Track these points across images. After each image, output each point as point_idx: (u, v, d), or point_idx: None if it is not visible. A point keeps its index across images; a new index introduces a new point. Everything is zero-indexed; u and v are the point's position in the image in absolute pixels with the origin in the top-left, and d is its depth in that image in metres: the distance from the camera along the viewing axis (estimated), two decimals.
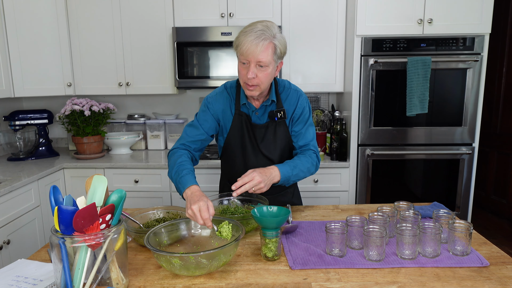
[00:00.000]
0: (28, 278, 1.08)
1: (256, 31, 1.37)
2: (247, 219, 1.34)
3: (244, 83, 1.44)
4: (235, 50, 1.44)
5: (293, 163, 1.48)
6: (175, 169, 1.41)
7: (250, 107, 1.56)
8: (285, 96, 1.58)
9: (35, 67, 2.64)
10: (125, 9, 2.71)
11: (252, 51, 1.36)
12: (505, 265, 1.14)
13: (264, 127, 1.56)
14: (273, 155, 1.59)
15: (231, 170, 1.66)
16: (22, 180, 2.14)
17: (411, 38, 2.45)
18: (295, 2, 2.65)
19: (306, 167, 1.51)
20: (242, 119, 1.56)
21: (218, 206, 1.53)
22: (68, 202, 0.97)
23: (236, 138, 1.58)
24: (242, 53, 1.39)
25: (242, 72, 1.43)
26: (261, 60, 1.38)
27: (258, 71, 1.40)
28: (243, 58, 1.40)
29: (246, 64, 1.41)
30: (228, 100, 1.58)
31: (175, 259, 1.04)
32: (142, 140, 3.05)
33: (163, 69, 2.78)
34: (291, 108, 1.58)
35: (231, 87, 1.60)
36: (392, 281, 1.05)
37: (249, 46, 1.36)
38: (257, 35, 1.36)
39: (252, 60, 1.38)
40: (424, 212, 1.50)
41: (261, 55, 1.37)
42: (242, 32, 1.40)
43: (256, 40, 1.36)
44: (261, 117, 1.57)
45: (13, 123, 2.70)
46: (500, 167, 3.71)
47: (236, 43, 1.41)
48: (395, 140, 2.55)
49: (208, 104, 1.58)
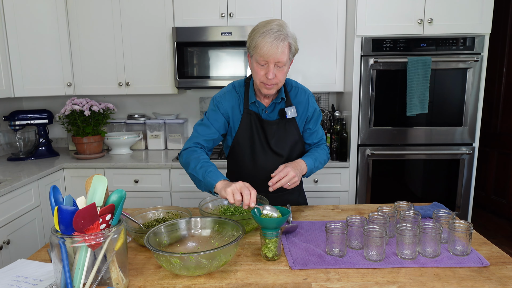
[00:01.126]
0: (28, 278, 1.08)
1: (274, 32, 1.37)
2: (247, 219, 1.34)
3: (261, 82, 1.46)
4: (250, 51, 1.45)
5: (314, 156, 1.57)
6: (200, 165, 1.42)
7: (260, 106, 1.58)
8: (294, 95, 1.62)
9: (35, 67, 2.64)
10: (125, 9, 2.71)
11: (273, 52, 1.37)
12: (505, 265, 1.14)
13: (275, 123, 1.59)
14: (284, 151, 1.62)
15: (239, 169, 1.65)
16: (22, 180, 2.14)
17: (411, 38, 2.45)
18: (295, 2, 2.65)
19: (323, 159, 1.63)
20: (251, 117, 1.58)
21: (218, 206, 1.53)
22: (68, 202, 0.97)
23: (245, 136, 1.59)
24: (261, 54, 1.39)
25: (260, 72, 1.44)
26: (280, 61, 1.40)
27: (276, 71, 1.42)
28: (262, 59, 1.40)
29: (264, 64, 1.42)
30: (236, 99, 1.59)
31: (175, 259, 1.04)
32: (142, 140, 3.05)
33: (163, 69, 2.78)
34: (302, 107, 1.62)
35: (240, 86, 1.61)
36: (392, 281, 1.05)
37: (269, 48, 1.37)
38: (275, 36, 1.37)
39: (271, 61, 1.40)
40: (424, 212, 1.50)
41: (281, 56, 1.39)
42: (259, 33, 1.39)
43: (276, 41, 1.37)
44: (271, 114, 1.60)
45: (13, 123, 2.70)
46: (500, 167, 3.71)
47: (253, 44, 1.41)
48: (395, 140, 2.55)
49: (217, 104, 1.59)
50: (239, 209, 1.49)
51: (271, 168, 1.56)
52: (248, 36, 1.47)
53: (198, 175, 1.41)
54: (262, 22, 1.44)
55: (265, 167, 1.59)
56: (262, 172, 1.59)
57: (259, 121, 1.58)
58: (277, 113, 1.59)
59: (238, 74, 2.67)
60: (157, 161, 2.60)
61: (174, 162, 2.56)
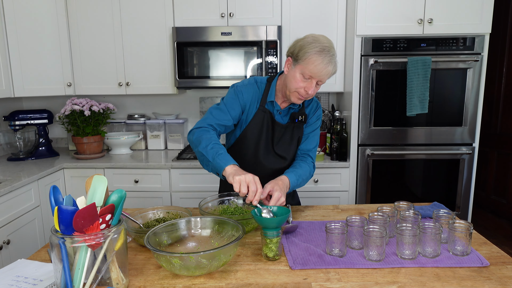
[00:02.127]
0: (28, 278, 1.08)
1: (331, 55, 1.39)
2: (247, 219, 1.34)
3: (297, 92, 1.47)
4: (297, 59, 1.42)
5: (297, 173, 1.53)
6: (211, 146, 1.40)
7: (276, 106, 1.59)
8: (308, 103, 1.66)
9: (35, 67, 2.64)
10: (125, 9, 2.71)
11: (323, 73, 1.40)
12: (505, 265, 1.14)
13: (284, 127, 1.61)
14: (287, 154, 1.64)
15: (239, 161, 1.63)
16: (22, 180, 2.14)
17: (411, 38, 2.45)
18: (295, 2, 2.65)
19: (306, 176, 1.59)
20: (264, 115, 1.59)
21: (218, 206, 1.53)
22: (68, 202, 0.97)
23: (254, 132, 1.60)
24: (311, 70, 1.39)
25: (300, 83, 1.44)
26: (323, 81, 1.44)
27: (315, 87, 1.46)
28: (308, 74, 1.41)
29: (308, 79, 1.43)
30: (256, 94, 1.60)
31: (175, 259, 1.04)
32: (142, 140, 3.05)
33: (163, 69, 2.78)
34: (310, 115, 1.66)
35: (261, 82, 1.62)
36: (392, 281, 1.05)
37: (322, 68, 1.38)
38: (330, 59, 1.39)
39: (316, 78, 1.42)
40: (424, 212, 1.50)
41: (326, 77, 1.43)
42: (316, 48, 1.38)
43: (330, 64, 1.39)
44: (283, 117, 1.62)
45: (13, 123, 2.70)
46: (500, 167, 3.71)
47: (305, 56, 1.40)
48: (395, 140, 2.55)
49: (238, 93, 1.57)
50: (239, 209, 1.49)
51: (271, 167, 1.60)
52: (297, 45, 1.44)
53: (208, 155, 1.39)
54: (315, 35, 1.44)
55: (265, 165, 1.62)
56: (261, 168, 1.60)
57: (271, 121, 1.60)
58: (288, 118, 1.62)
59: (238, 74, 2.67)
60: (157, 161, 2.60)
61: (174, 162, 2.56)
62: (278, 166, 1.63)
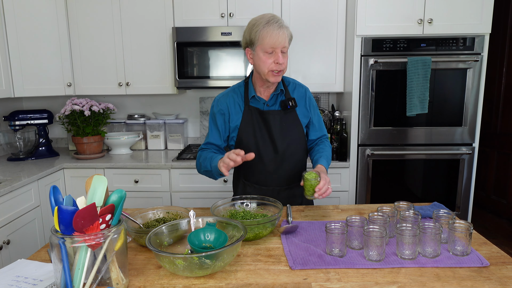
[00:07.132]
0: (28, 278, 1.08)
1: (276, 22, 1.48)
2: (263, 223, 1.30)
3: (270, 71, 1.53)
4: (254, 44, 1.52)
5: (326, 157, 1.65)
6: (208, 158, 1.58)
7: (260, 100, 1.63)
8: (292, 89, 1.70)
9: (35, 67, 2.64)
10: (125, 9, 2.71)
11: (279, 39, 1.47)
12: (505, 265, 1.14)
13: (278, 113, 1.64)
14: (294, 138, 1.66)
15: (246, 165, 1.63)
16: (22, 180, 2.14)
17: (411, 38, 2.45)
18: (295, 2, 2.65)
19: (330, 155, 1.71)
20: (252, 113, 1.62)
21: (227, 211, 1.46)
22: (68, 202, 0.97)
23: (248, 132, 1.63)
24: (269, 43, 1.48)
25: (268, 61, 1.51)
26: (285, 46, 1.50)
27: (282, 56, 1.51)
28: (269, 47, 1.49)
29: (272, 52, 1.50)
30: (236, 98, 1.66)
31: (179, 260, 1.04)
32: (142, 140, 3.05)
33: (163, 69, 2.78)
34: (301, 100, 1.69)
35: (239, 86, 1.70)
36: (392, 281, 1.05)
37: (277, 36, 1.47)
38: (278, 25, 1.48)
39: (278, 47, 1.49)
40: (424, 212, 1.50)
41: (285, 41, 1.50)
42: (261, 25, 1.48)
43: (280, 29, 1.48)
44: (272, 107, 1.65)
45: (13, 123, 2.70)
46: (500, 167, 3.71)
47: (258, 37, 1.49)
48: (395, 140, 2.55)
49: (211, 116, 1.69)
50: (249, 214, 1.45)
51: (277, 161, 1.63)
52: (246, 32, 1.55)
53: (207, 166, 1.55)
54: (256, 17, 1.54)
55: (270, 161, 1.64)
56: (268, 165, 1.64)
57: (260, 114, 1.62)
58: (278, 105, 1.65)
59: (238, 74, 2.67)
60: (157, 161, 2.60)
61: (174, 162, 2.56)
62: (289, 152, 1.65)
